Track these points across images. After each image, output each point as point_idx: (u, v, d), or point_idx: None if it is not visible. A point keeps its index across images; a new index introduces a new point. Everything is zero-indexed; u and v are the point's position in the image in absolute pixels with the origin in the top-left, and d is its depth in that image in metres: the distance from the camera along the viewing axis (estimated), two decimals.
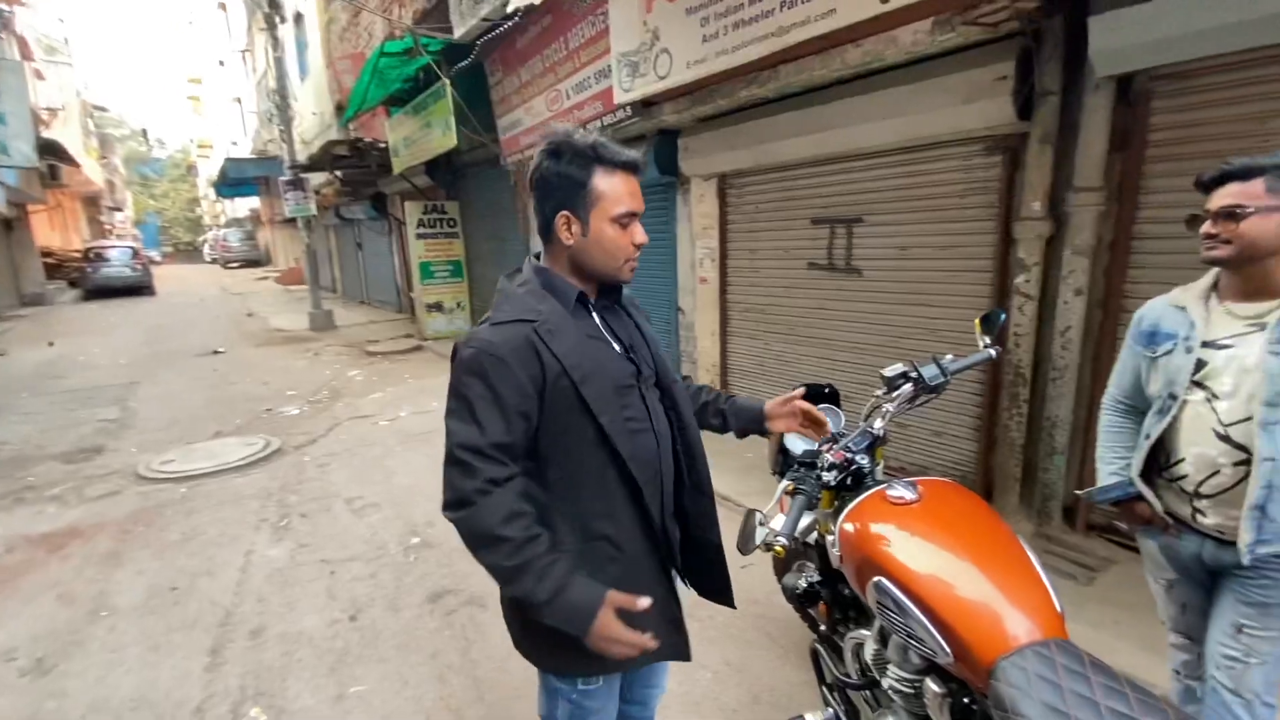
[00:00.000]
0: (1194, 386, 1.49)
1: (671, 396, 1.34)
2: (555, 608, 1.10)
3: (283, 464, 4.87)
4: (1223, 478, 1.45)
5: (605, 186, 1.16)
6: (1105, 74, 2.70)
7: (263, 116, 20.28)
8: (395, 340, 10.11)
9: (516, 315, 1.16)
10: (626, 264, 1.23)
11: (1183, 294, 1.58)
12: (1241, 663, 1.47)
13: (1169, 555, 1.63)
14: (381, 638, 2.68)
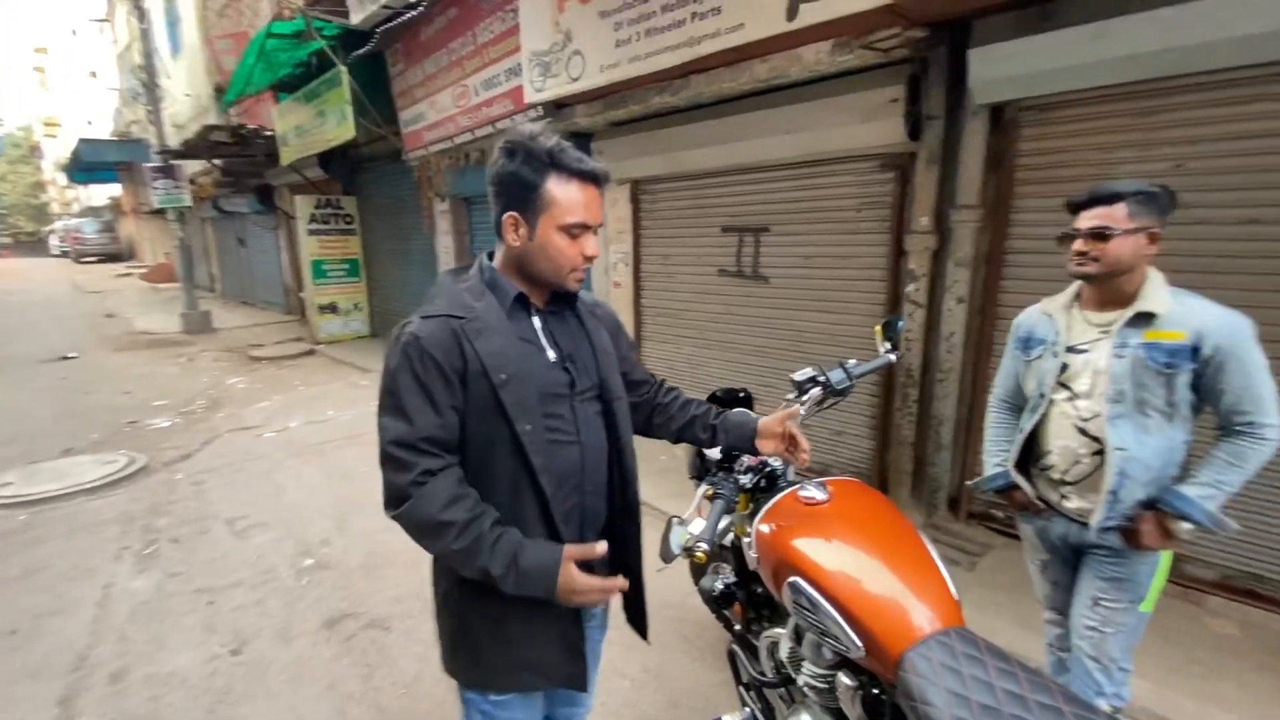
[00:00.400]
0: (1059, 387, 1.67)
1: (612, 414, 1.31)
2: (515, 577, 1.11)
3: (149, 483, 4.36)
4: (1083, 467, 1.63)
5: (559, 194, 1.13)
6: (981, 102, 2.96)
7: (125, 95, 18.21)
8: (284, 344, 9.36)
9: (446, 310, 1.15)
10: (572, 274, 1.20)
11: (1051, 303, 1.76)
12: (1100, 632, 1.65)
13: (1042, 537, 1.81)
14: (270, 671, 2.45)
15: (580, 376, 1.25)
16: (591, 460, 1.27)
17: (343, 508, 3.89)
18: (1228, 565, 2.71)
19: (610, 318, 1.43)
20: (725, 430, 1.48)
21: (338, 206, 9.27)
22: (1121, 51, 2.45)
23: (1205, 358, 1.47)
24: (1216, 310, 1.49)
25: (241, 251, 14.34)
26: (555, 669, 1.25)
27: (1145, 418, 1.53)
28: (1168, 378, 1.49)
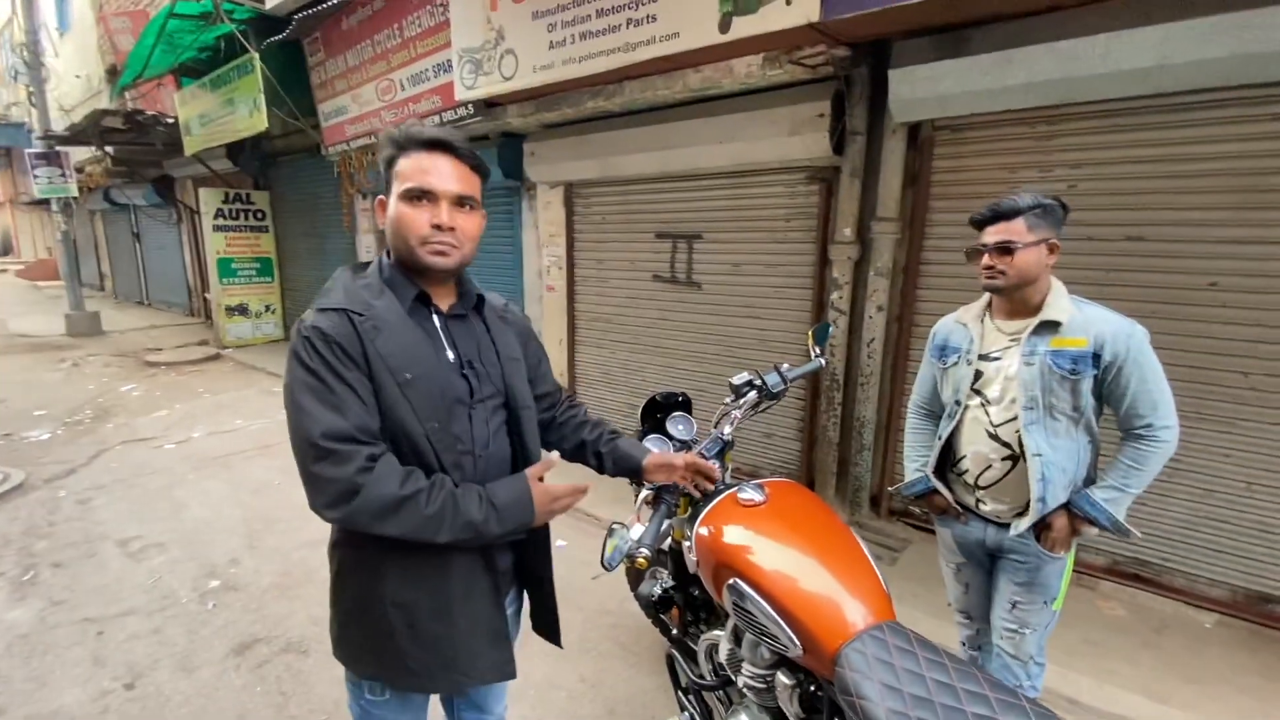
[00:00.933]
0: (973, 394, 1.74)
1: (517, 423, 1.27)
2: (497, 515, 1.13)
3: (26, 502, 3.91)
4: (994, 471, 1.71)
5: (403, 165, 1.13)
6: (900, 120, 3.13)
7: (4, 74, 16.39)
8: (185, 348, 8.67)
9: (342, 304, 1.11)
10: (422, 247, 1.12)
11: (965, 313, 1.85)
12: (1019, 634, 1.75)
13: (959, 541, 1.89)
14: (170, 705, 2.23)
15: (482, 384, 1.22)
16: (492, 471, 1.23)
17: (253, 524, 3.63)
18: (1116, 552, 2.96)
19: (521, 323, 1.40)
20: (613, 460, 1.47)
21: (248, 201, 8.70)
22: (1023, 79, 2.65)
23: (1105, 363, 1.54)
24: (1115, 317, 1.57)
25: (136, 247, 13.20)
26: (483, 661, 1.22)
27: (1055, 422, 1.60)
28: (1073, 383, 1.57)
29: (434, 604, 1.17)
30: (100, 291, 15.50)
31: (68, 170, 9.88)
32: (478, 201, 1.18)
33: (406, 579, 1.16)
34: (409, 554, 1.14)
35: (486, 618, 1.22)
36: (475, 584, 1.20)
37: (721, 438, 1.73)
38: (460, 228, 1.14)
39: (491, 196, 5.53)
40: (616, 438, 1.50)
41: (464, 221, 1.15)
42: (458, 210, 1.14)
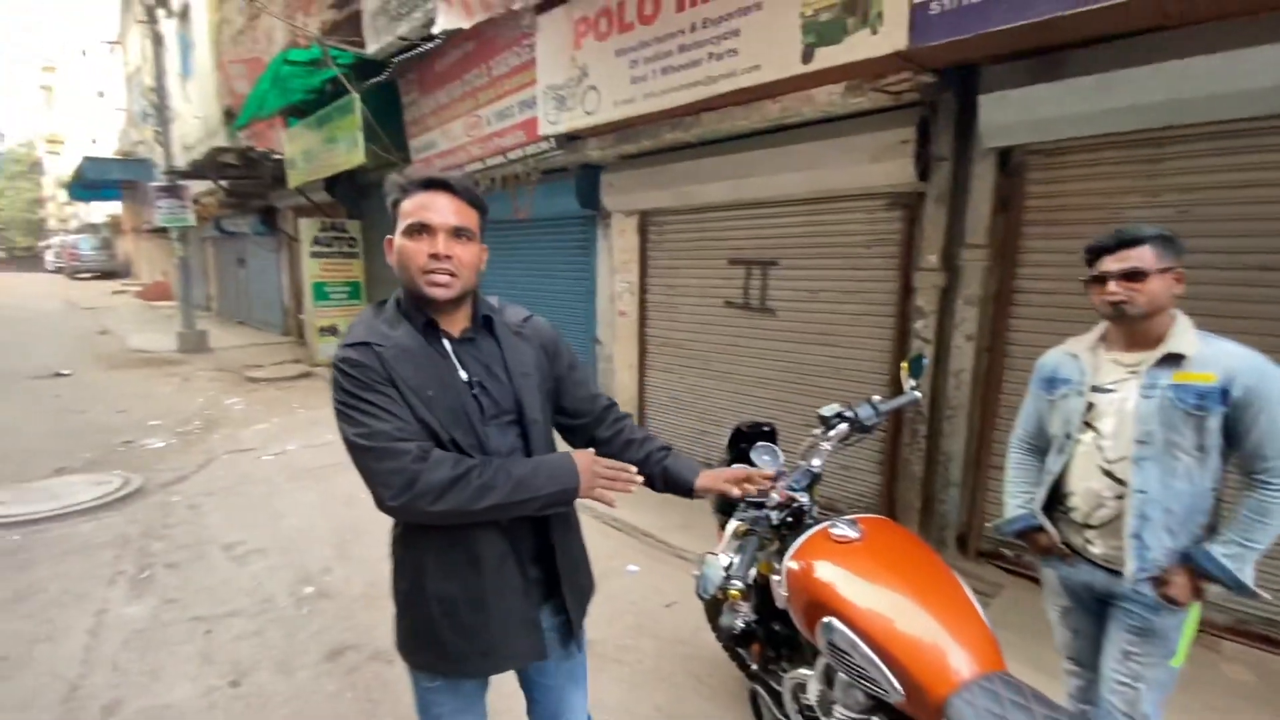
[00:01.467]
0: (1085, 427, 1.65)
1: (527, 439, 1.31)
2: (547, 473, 1.21)
3: (144, 505, 4.28)
4: (1107, 510, 1.60)
5: (406, 204, 1.22)
6: (990, 146, 3.04)
7: (133, 115, 18.39)
8: (281, 365, 9.31)
9: (361, 338, 1.21)
10: (423, 276, 1.20)
11: (1076, 344, 1.76)
12: (1132, 688, 1.60)
13: (1065, 583, 1.78)
14: (271, 705, 2.37)
15: (493, 403, 1.28)
16: None
17: (343, 534, 3.82)
18: (1243, 610, 2.69)
19: (543, 334, 1.42)
20: (664, 481, 1.47)
21: (342, 230, 9.32)
22: (1127, 101, 2.53)
23: (1235, 400, 1.45)
24: (1246, 352, 1.48)
25: (241, 272, 14.35)
26: (515, 647, 1.29)
27: (1174, 460, 1.51)
28: (1198, 420, 1.48)
29: (469, 597, 1.25)
30: (207, 312, 16.88)
31: (186, 202, 10.91)
32: (475, 233, 1.25)
33: (445, 574, 1.26)
34: (446, 550, 1.25)
35: (519, 609, 1.28)
36: (506, 579, 1.27)
37: (810, 470, 1.71)
38: (457, 257, 1.21)
39: (567, 225, 5.71)
40: (666, 455, 1.49)
41: (461, 251, 1.22)
42: (454, 241, 1.21)
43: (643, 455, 1.47)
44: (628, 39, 3.81)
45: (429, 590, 1.27)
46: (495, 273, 7.13)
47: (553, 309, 5.78)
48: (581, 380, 1.49)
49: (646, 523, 3.90)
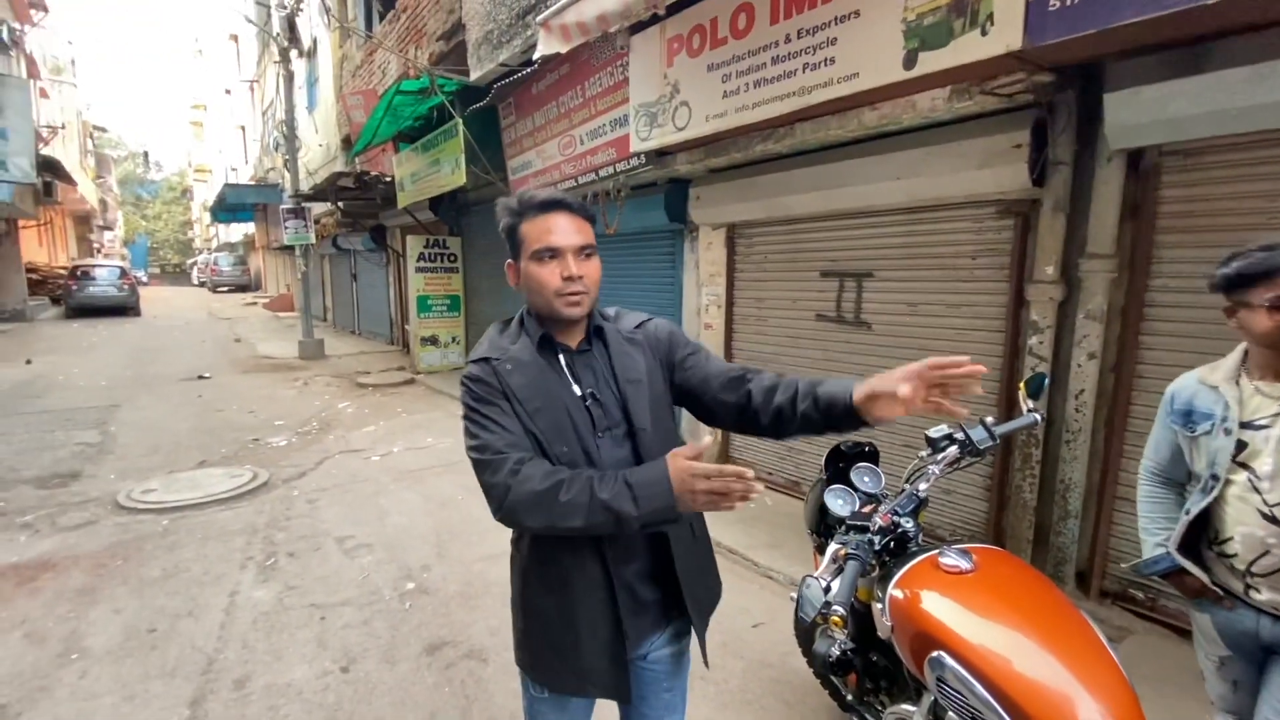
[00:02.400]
0: (1236, 467, 1.49)
1: (636, 446, 1.29)
2: (632, 497, 1.08)
3: (270, 498, 4.70)
4: (1273, 558, 1.43)
5: (527, 229, 1.25)
6: (1118, 148, 2.80)
7: (266, 145, 20.48)
8: (387, 372, 9.98)
9: (483, 354, 1.30)
10: (559, 299, 1.23)
11: (1212, 373, 1.59)
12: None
13: (1222, 630, 1.59)
14: (376, 692, 2.53)
15: (605, 414, 1.29)
16: None
17: (441, 534, 4.03)
18: None
19: (655, 334, 1.39)
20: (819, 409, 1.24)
21: (444, 246, 9.91)
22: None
23: None
24: None
25: (353, 285, 15.54)
26: (600, 678, 1.28)
27: None
28: None
29: (561, 613, 1.27)
30: (324, 322, 18.42)
31: (309, 222, 11.99)
32: (594, 248, 1.28)
33: (541, 587, 1.30)
34: (542, 564, 1.29)
35: (604, 637, 1.27)
36: (594, 602, 1.26)
37: (916, 494, 1.62)
38: (586, 275, 1.25)
39: (653, 239, 5.78)
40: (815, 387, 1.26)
41: (588, 269, 1.26)
42: (582, 260, 1.25)
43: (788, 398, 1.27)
44: (720, 54, 3.83)
45: (529, 601, 1.32)
46: None
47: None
48: (708, 355, 1.41)
49: (732, 540, 3.84)
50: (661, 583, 1.32)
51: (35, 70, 19.03)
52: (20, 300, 17.57)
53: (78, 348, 12.45)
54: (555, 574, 1.27)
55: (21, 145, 11.83)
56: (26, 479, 5.00)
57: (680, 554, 1.30)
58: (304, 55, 13.63)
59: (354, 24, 11.02)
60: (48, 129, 18.82)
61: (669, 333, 1.42)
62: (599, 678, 1.28)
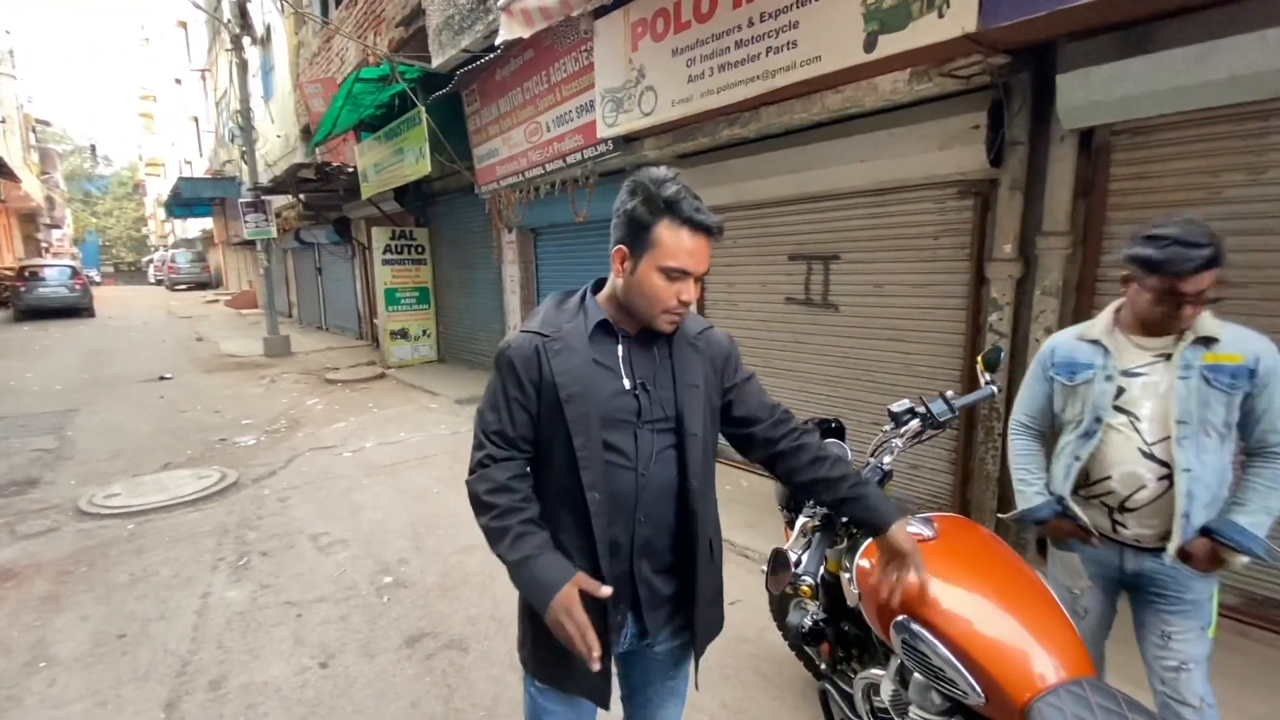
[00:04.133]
0: (1116, 412, 1.67)
1: (683, 449, 1.27)
2: (521, 573, 1.19)
3: (240, 498, 4.61)
4: (1148, 491, 1.62)
5: (666, 237, 1.17)
6: (1070, 127, 2.88)
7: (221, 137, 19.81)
8: (357, 368, 9.81)
9: (535, 327, 1.27)
10: (663, 315, 1.23)
11: (1090, 328, 1.78)
12: (1184, 670, 1.63)
13: (1088, 564, 1.79)
14: (356, 686, 2.52)
15: (653, 407, 1.26)
16: (651, 491, 1.26)
17: (418, 527, 4.01)
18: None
19: (717, 347, 1.37)
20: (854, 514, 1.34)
21: (410, 238, 9.74)
22: (1225, 73, 2.35)
23: (1258, 378, 1.55)
24: (1260, 335, 1.59)
25: (319, 280, 15.20)
26: (582, 678, 1.28)
27: (1206, 438, 1.57)
28: (1230, 398, 1.56)
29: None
30: (289, 318, 17.98)
31: (269, 215, 11.65)
32: None
33: None
34: None
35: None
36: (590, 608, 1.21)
37: (881, 467, 1.67)
38: (694, 299, 1.23)
39: None
40: (861, 490, 1.33)
41: (697, 292, 1.25)
42: (697, 285, 1.24)
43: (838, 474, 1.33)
44: (684, 38, 3.83)
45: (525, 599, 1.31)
46: (558, 275, 7.28)
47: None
48: (755, 389, 1.42)
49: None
50: (679, 577, 1.33)
51: None
52: None
53: (29, 351, 11.95)
54: None
55: None
56: None
57: (700, 564, 1.31)
58: (257, 43, 13.17)
59: (309, 9, 10.69)
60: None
61: (729, 351, 1.39)
62: (580, 678, 1.28)
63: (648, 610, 1.31)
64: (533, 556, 1.18)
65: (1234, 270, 2.64)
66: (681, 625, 1.38)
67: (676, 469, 1.28)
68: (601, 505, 1.22)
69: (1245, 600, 2.78)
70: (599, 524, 1.22)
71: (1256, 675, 2.43)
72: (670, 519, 1.29)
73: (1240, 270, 2.59)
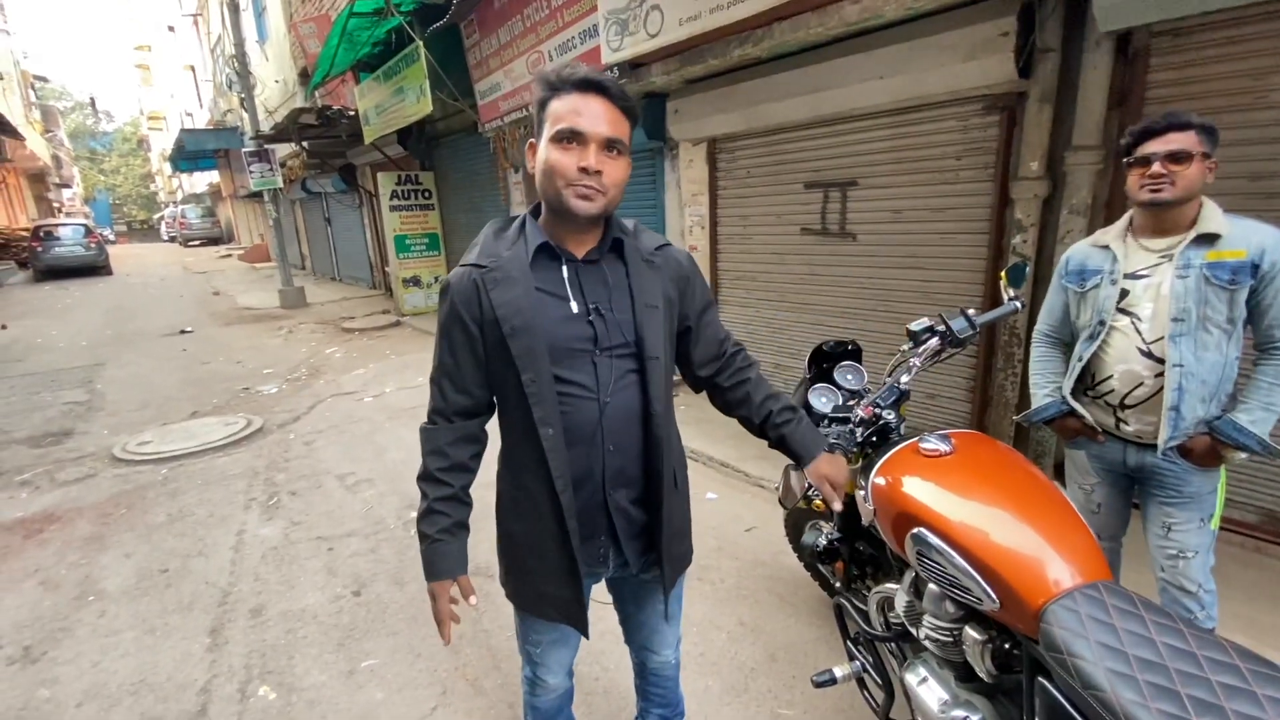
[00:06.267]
0: (1119, 313, 1.72)
1: (644, 374, 1.22)
2: (422, 545, 1.28)
3: (267, 442, 4.74)
4: (1145, 388, 1.69)
5: (555, 106, 1.12)
6: (1106, 29, 2.68)
7: (220, 85, 19.36)
8: (372, 316, 9.86)
9: (473, 260, 1.21)
10: (569, 190, 1.11)
11: (1103, 235, 1.82)
12: (1182, 558, 1.72)
13: (1094, 461, 1.88)
14: (389, 611, 2.64)
15: (610, 332, 1.19)
16: (616, 419, 1.21)
17: None
18: None
19: (676, 266, 1.30)
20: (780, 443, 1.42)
21: (416, 182, 9.58)
22: None
23: (1263, 273, 1.55)
24: (1270, 228, 1.57)
25: (328, 230, 15.12)
26: (560, 608, 1.31)
27: (1206, 334, 1.60)
28: (1231, 294, 1.57)
29: (526, 539, 1.28)
30: (302, 270, 18.01)
31: (275, 165, 11.50)
32: (626, 146, 1.14)
33: (509, 513, 1.31)
34: (512, 489, 1.28)
35: (556, 565, 1.26)
36: (546, 531, 1.24)
37: (897, 387, 1.65)
38: (606, 172, 1.11)
39: (633, 160, 5.60)
40: (789, 422, 1.40)
41: (610, 167, 1.12)
42: (605, 155, 1.11)
43: (761, 415, 1.40)
44: None
45: (501, 524, 1.33)
46: None
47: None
48: (713, 324, 1.39)
49: (724, 453, 3.94)
50: (650, 507, 1.30)
51: None
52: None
53: (52, 310, 12.17)
54: (521, 500, 1.26)
55: None
56: (19, 439, 5.00)
57: (668, 503, 1.29)
58: None
59: None
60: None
61: (690, 273, 1.33)
62: (558, 604, 1.30)
63: (625, 540, 1.29)
64: (434, 540, 1.26)
65: (1278, 181, 2.52)
66: (657, 558, 1.34)
67: (640, 394, 1.23)
68: (556, 440, 1.17)
69: (1264, 517, 2.77)
70: (555, 459, 1.17)
71: (1269, 589, 2.44)
72: (638, 446, 1.25)
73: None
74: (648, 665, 1.61)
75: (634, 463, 1.26)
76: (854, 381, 1.79)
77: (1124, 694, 0.97)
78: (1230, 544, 2.74)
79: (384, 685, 2.23)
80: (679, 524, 1.37)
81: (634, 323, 1.21)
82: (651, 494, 1.29)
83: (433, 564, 1.26)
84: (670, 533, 1.31)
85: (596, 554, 1.30)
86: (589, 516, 1.26)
